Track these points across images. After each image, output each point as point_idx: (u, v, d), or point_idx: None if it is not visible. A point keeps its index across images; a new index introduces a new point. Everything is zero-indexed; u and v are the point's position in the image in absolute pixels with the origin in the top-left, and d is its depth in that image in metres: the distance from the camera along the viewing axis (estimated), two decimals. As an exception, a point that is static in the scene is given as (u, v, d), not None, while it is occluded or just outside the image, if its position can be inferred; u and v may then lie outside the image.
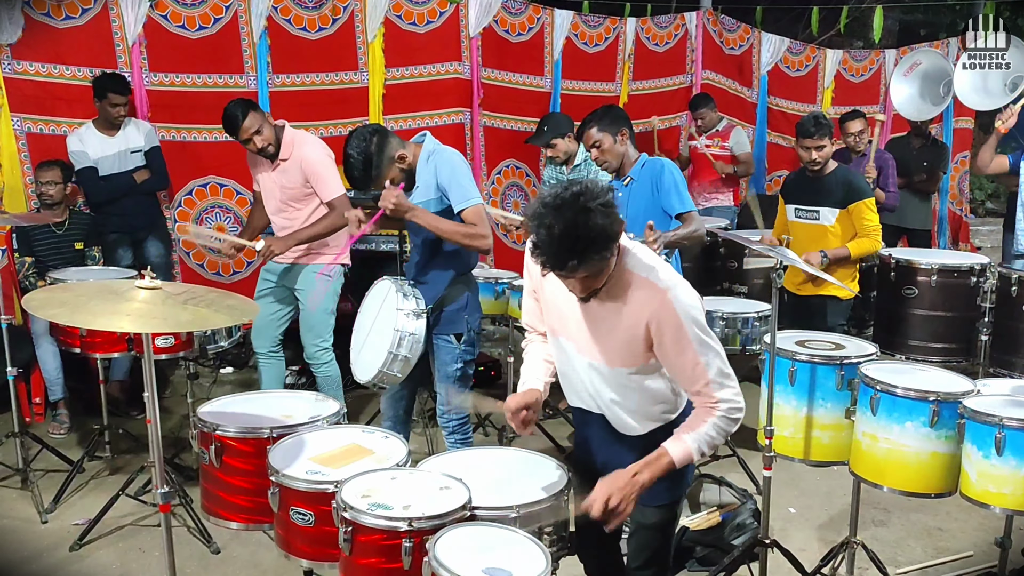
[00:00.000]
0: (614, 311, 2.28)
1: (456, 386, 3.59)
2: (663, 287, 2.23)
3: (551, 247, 2.07)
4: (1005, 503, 2.85)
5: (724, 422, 2.27)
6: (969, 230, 8.76)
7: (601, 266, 2.16)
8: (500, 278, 4.89)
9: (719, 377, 2.24)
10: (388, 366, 3.35)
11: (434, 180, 3.46)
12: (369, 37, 6.12)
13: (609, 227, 2.09)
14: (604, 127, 3.96)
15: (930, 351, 5.20)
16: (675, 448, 2.27)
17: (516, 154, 6.75)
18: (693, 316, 2.22)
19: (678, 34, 7.31)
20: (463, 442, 3.68)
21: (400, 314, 3.34)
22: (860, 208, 4.50)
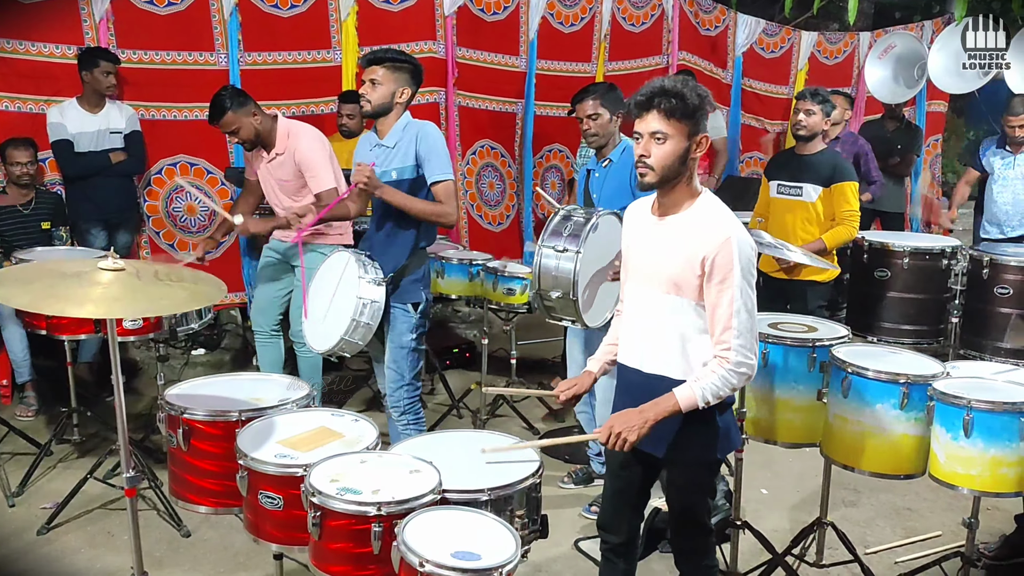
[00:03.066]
0: (679, 238, 2.45)
1: (410, 358, 3.61)
2: (727, 230, 2.38)
3: (650, 88, 2.39)
4: (973, 484, 2.88)
5: (732, 375, 2.40)
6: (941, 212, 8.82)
7: (675, 124, 2.36)
8: (474, 259, 4.88)
9: (742, 330, 2.38)
10: (350, 333, 3.42)
11: (413, 149, 3.55)
12: (342, 15, 6.01)
13: (694, 104, 2.36)
14: (605, 103, 3.98)
15: (902, 333, 5.25)
16: (682, 392, 2.42)
17: (491, 134, 6.69)
18: (745, 265, 2.38)
19: (654, 14, 7.26)
20: (415, 423, 3.69)
21: (363, 282, 3.40)
22: (843, 190, 4.52)
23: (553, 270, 3.39)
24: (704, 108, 2.42)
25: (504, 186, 6.80)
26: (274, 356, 4.73)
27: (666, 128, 2.37)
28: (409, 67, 3.60)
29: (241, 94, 4.38)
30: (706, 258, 2.38)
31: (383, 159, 3.63)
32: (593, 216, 3.44)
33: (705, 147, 2.44)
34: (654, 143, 2.39)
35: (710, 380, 2.41)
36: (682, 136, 2.39)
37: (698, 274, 2.41)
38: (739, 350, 2.39)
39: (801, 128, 4.56)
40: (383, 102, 3.55)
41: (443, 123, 6.38)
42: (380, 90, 3.53)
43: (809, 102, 4.53)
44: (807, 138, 4.58)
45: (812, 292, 4.58)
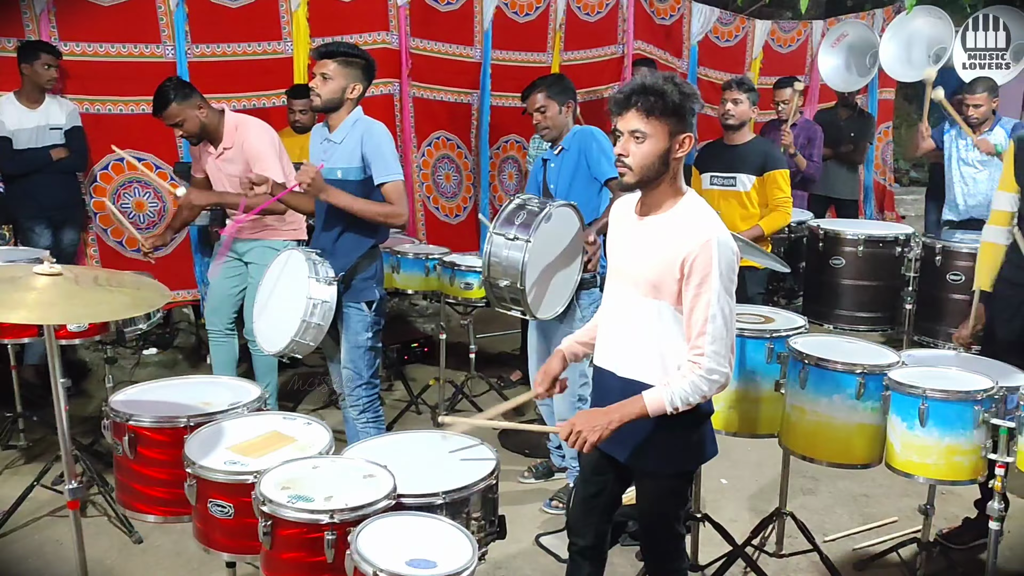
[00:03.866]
0: (659, 239, 2.39)
1: (367, 356, 3.55)
2: (709, 232, 2.32)
3: (630, 86, 2.33)
4: (928, 473, 2.90)
5: (703, 382, 2.32)
6: (894, 199, 8.95)
7: (654, 123, 2.29)
8: (430, 254, 4.81)
9: (717, 336, 2.30)
10: (301, 335, 3.35)
11: (359, 149, 3.48)
12: (293, 6, 5.89)
13: (676, 101, 2.29)
14: (553, 94, 3.94)
15: (857, 320, 5.30)
16: (651, 395, 2.35)
17: (447, 126, 6.62)
18: (724, 270, 2.31)
19: (609, 3, 7.23)
20: (374, 421, 3.64)
21: (312, 282, 3.33)
22: (775, 178, 4.58)
23: (503, 258, 3.35)
24: (688, 106, 2.32)
25: (461, 178, 6.75)
26: (228, 355, 4.64)
27: (645, 127, 2.31)
28: (361, 62, 3.53)
29: (186, 86, 4.28)
30: (685, 260, 2.31)
31: (330, 155, 3.56)
32: (548, 207, 3.40)
33: (689, 147, 2.36)
34: (633, 142, 2.33)
35: (680, 385, 2.33)
36: (662, 135, 2.31)
37: (677, 277, 2.34)
38: (712, 356, 2.31)
39: (730, 117, 4.60)
40: (333, 97, 3.48)
41: (397, 115, 6.30)
42: (331, 85, 3.46)
43: (736, 91, 4.58)
44: (735, 127, 4.62)
45: (751, 279, 4.61)
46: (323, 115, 3.63)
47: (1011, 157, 3.59)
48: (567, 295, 3.65)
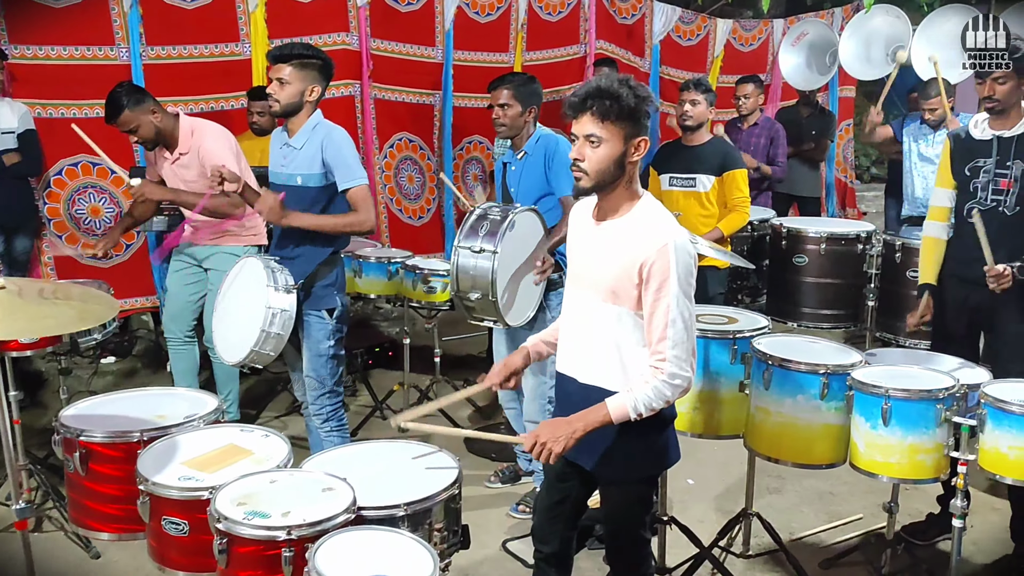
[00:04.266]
0: (617, 244, 2.37)
1: (329, 365, 3.50)
2: (666, 236, 2.30)
3: (585, 89, 2.31)
4: (892, 472, 2.91)
5: (666, 387, 2.30)
6: (855, 196, 9.03)
7: (609, 127, 2.28)
8: (392, 257, 4.76)
9: (678, 340, 2.29)
10: (260, 345, 3.29)
11: (319, 155, 3.41)
12: (250, 6, 5.80)
13: (631, 105, 2.28)
14: (519, 95, 3.88)
15: (821, 318, 5.33)
16: (614, 402, 2.33)
17: (409, 127, 6.56)
18: (682, 274, 2.29)
19: (571, 3, 7.21)
20: (338, 429, 3.59)
21: (270, 290, 3.27)
22: (734, 177, 4.60)
23: (471, 271, 3.31)
24: (643, 109, 2.32)
25: (424, 179, 6.69)
26: (188, 363, 4.57)
27: (600, 131, 2.29)
28: (318, 63, 3.46)
29: (139, 91, 4.19)
30: (643, 265, 2.30)
31: (290, 161, 3.50)
32: (510, 214, 3.37)
33: (644, 150, 2.35)
34: (588, 146, 2.31)
35: (643, 391, 2.31)
36: (618, 139, 2.30)
37: (635, 282, 2.32)
38: (674, 361, 2.30)
39: (688, 118, 4.62)
40: (292, 101, 3.41)
41: (359, 116, 6.24)
42: (288, 89, 3.39)
43: (694, 92, 4.59)
44: (693, 128, 4.63)
45: (712, 278, 4.62)
46: (283, 119, 3.57)
47: (947, 154, 3.64)
48: (536, 299, 3.62)
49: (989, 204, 3.45)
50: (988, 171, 3.44)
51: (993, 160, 3.44)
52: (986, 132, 3.48)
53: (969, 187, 3.51)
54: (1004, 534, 3.68)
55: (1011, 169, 3.40)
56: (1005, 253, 3.42)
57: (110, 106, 4.08)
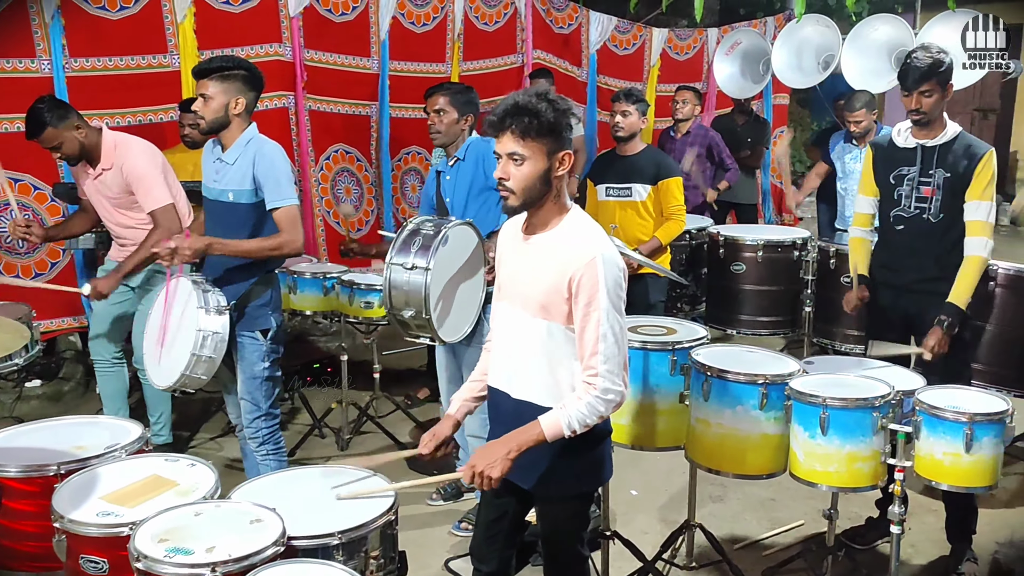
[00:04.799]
0: (545, 258, 2.35)
1: (265, 387, 3.40)
2: (594, 250, 2.28)
3: (503, 106, 2.27)
4: (831, 481, 2.91)
5: (598, 402, 2.28)
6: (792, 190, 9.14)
7: (531, 144, 2.26)
8: (328, 273, 4.66)
9: (609, 354, 2.28)
10: (191, 368, 3.18)
11: (251, 171, 3.31)
12: (178, 17, 5.66)
13: (551, 119, 2.25)
14: (456, 102, 3.85)
15: (759, 325, 5.37)
16: (547, 420, 2.30)
17: (345, 138, 6.46)
18: (611, 287, 2.28)
19: (507, 13, 7.19)
20: (275, 452, 3.49)
21: (201, 312, 3.16)
22: (669, 186, 4.63)
23: (404, 288, 3.24)
24: (564, 122, 2.30)
25: (362, 191, 6.60)
26: (117, 386, 4.42)
27: (522, 149, 2.27)
28: (241, 73, 3.34)
29: (61, 106, 4.04)
30: (572, 279, 2.28)
31: (222, 176, 3.39)
32: (443, 228, 3.31)
33: (568, 164, 2.32)
34: (512, 164, 2.29)
35: (576, 407, 2.29)
36: (541, 155, 2.28)
37: (565, 296, 2.31)
38: (606, 375, 2.28)
39: (619, 129, 4.63)
40: (217, 117, 3.30)
41: (293, 128, 6.12)
42: (212, 104, 3.28)
43: (624, 103, 4.59)
44: (627, 138, 4.64)
45: (653, 287, 4.63)
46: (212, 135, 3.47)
47: (869, 162, 3.70)
48: (473, 314, 3.56)
49: (913, 211, 3.51)
50: (912, 179, 3.50)
51: (917, 168, 3.49)
52: (909, 140, 3.53)
53: (893, 195, 3.57)
54: (941, 535, 3.73)
55: (934, 177, 3.45)
56: (932, 260, 3.48)
57: (31, 123, 3.93)
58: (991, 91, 12.32)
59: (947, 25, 6.14)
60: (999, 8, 11.56)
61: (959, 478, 2.80)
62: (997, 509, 4.13)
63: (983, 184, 3.40)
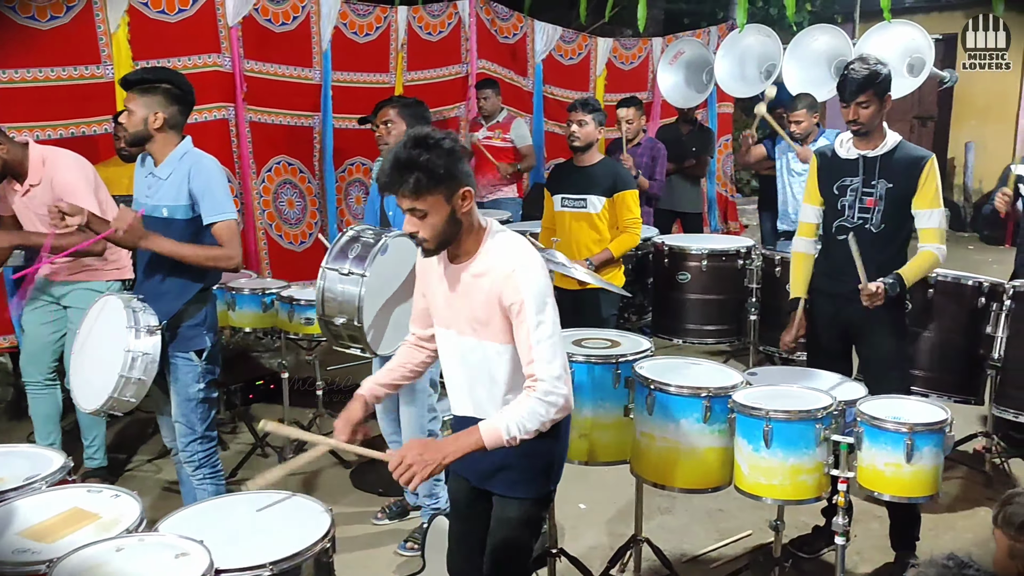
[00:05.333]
0: (472, 280, 2.38)
1: (200, 409, 3.30)
2: (512, 262, 2.33)
3: (387, 166, 2.27)
4: (775, 494, 2.90)
5: (540, 405, 2.29)
6: (736, 209, 9.24)
7: (426, 198, 2.26)
8: (267, 288, 4.55)
9: (545, 359, 2.30)
10: (120, 391, 3.07)
11: (186, 186, 3.21)
12: (111, 26, 5.52)
13: (438, 165, 2.23)
14: (405, 115, 3.83)
15: (705, 333, 5.39)
16: (486, 426, 2.30)
17: (287, 150, 6.35)
18: (536, 295, 2.31)
19: (451, 23, 7.15)
20: (212, 476, 3.38)
21: (130, 333, 3.04)
22: (624, 198, 4.56)
23: (337, 294, 3.17)
24: (453, 164, 2.27)
25: (305, 203, 6.50)
26: (50, 408, 4.27)
27: (420, 205, 2.27)
28: (162, 87, 3.20)
29: None
30: (500, 295, 2.33)
31: (155, 191, 3.27)
32: (383, 237, 3.24)
33: (470, 198, 2.33)
34: (416, 219, 2.31)
35: (516, 412, 2.30)
36: (440, 203, 2.28)
37: (497, 314, 2.35)
38: (547, 379, 2.30)
39: (575, 139, 4.56)
40: (137, 131, 3.19)
41: (234, 140, 6.01)
42: (132, 119, 3.18)
43: (581, 112, 4.53)
44: (583, 148, 4.57)
45: (605, 301, 4.59)
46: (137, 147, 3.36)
47: (814, 171, 3.70)
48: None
49: (856, 222, 3.52)
50: (855, 189, 3.51)
51: (859, 179, 3.51)
52: (851, 151, 3.55)
53: (837, 205, 3.58)
54: (886, 541, 3.74)
55: (876, 188, 3.47)
56: (873, 268, 3.49)
57: None
58: (928, 99, 12.58)
59: (884, 35, 6.24)
60: (934, 19, 11.92)
61: (901, 488, 2.81)
62: (940, 514, 4.17)
63: (931, 192, 3.43)
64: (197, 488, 3.40)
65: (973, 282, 4.27)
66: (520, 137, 6.59)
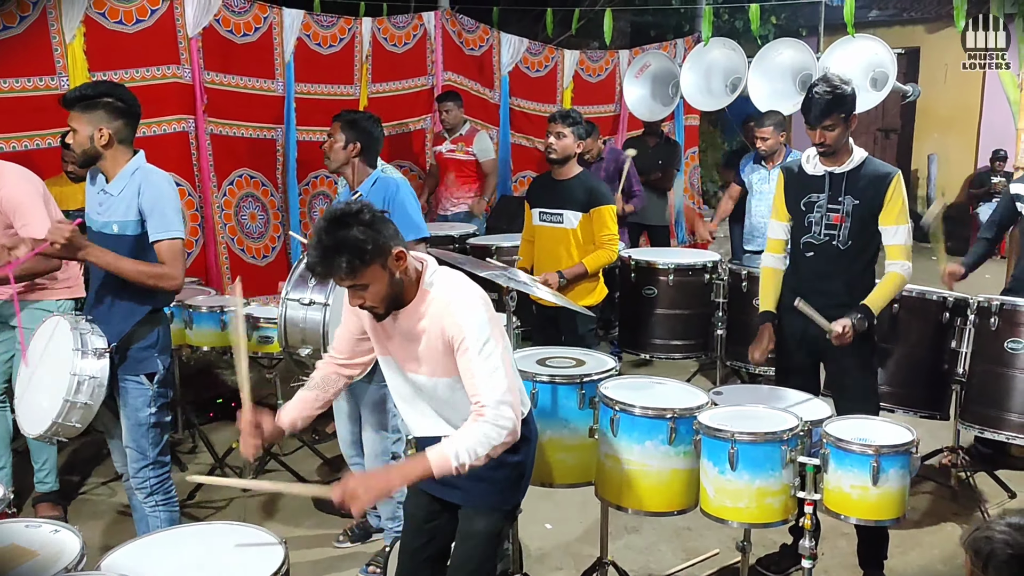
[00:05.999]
0: (418, 322, 2.39)
1: (151, 434, 3.19)
2: (447, 296, 2.36)
3: (314, 254, 2.25)
4: (741, 517, 2.86)
5: (490, 429, 2.29)
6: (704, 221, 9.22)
7: (364, 273, 2.26)
8: (225, 306, 4.44)
9: (491, 386, 2.30)
10: (65, 416, 2.97)
11: (135, 202, 3.10)
12: (67, 37, 5.40)
13: (364, 240, 2.23)
14: (344, 127, 3.79)
15: (672, 348, 5.36)
16: (433, 452, 2.28)
17: (249, 162, 6.25)
18: (476, 324, 2.33)
19: (417, 34, 7.09)
20: (165, 503, 3.27)
21: (77, 355, 2.94)
22: (601, 214, 4.46)
23: (300, 324, 3.08)
24: (377, 230, 2.27)
25: (268, 216, 6.40)
26: (0, 430, 4.12)
27: (358, 279, 2.29)
28: (103, 102, 3.08)
29: None
30: (442, 331, 2.36)
31: (106, 207, 3.17)
32: None
33: (405, 257, 2.34)
34: (359, 292, 2.32)
35: (464, 438, 2.29)
36: (378, 273, 2.29)
37: (442, 350, 2.38)
38: (494, 404, 2.30)
39: (552, 152, 4.46)
40: (84, 149, 3.08)
41: (194, 153, 5.90)
42: (78, 138, 3.07)
43: (560, 124, 4.43)
44: (560, 161, 4.49)
45: (581, 318, 4.52)
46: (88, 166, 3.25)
47: (781, 187, 3.67)
48: None
49: (822, 239, 3.49)
50: (821, 206, 3.49)
51: (826, 195, 3.48)
52: (818, 168, 3.52)
53: (804, 221, 3.55)
54: (853, 559, 3.72)
55: (843, 204, 3.45)
56: (841, 283, 3.47)
57: None
58: (892, 112, 12.74)
59: (847, 49, 6.28)
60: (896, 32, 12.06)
61: (867, 511, 2.78)
62: (908, 530, 4.15)
63: (896, 209, 3.41)
64: (150, 515, 3.29)
65: (938, 297, 4.27)
66: (483, 151, 6.54)
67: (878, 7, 11.90)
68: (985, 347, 4.08)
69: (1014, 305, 3.96)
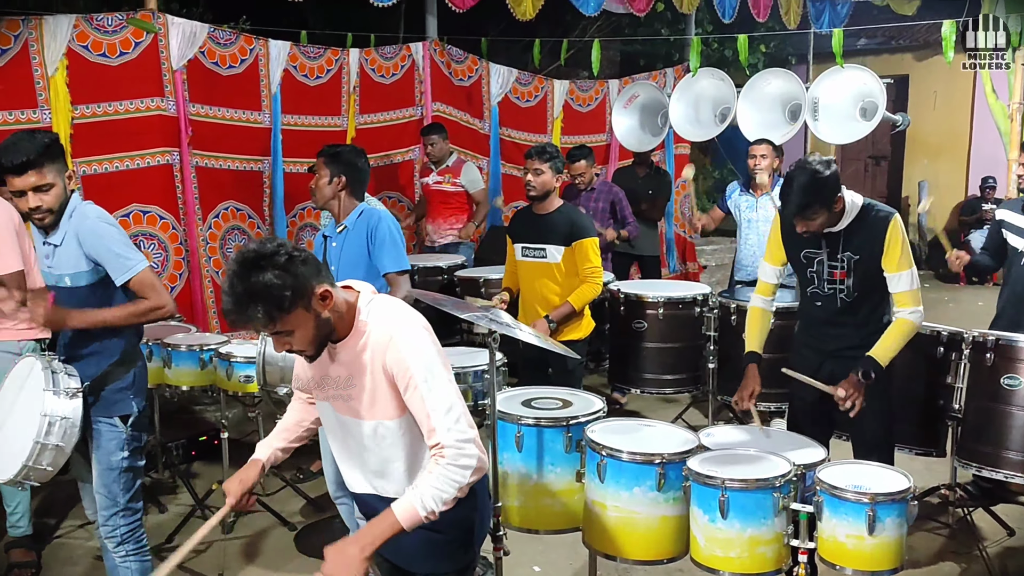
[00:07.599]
0: (356, 361, 2.24)
1: (123, 479, 3.09)
2: (387, 330, 2.20)
3: (228, 301, 2.07)
4: (732, 567, 2.75)
5: (452, 470, 2.14)
6: (695, 250, 9.19)
7: (285, 319, 2.09)
8: (205, 344, 4.33)
9: (446, 420, 2.15)
10: (35, 459, 2.88)
11: (80, 252, 2.98)
12: (49, 70, 5.35)
13: (281, 286, 2.05)
14: (328, 162, 3.79)
15: (663, 383, 5.26)
16: (399, 506, 2.14)
17: (235, 195, 6.19)
18: (421, 358, 2.18)
19: (405, 65, 7.06)
20: (136, 553, 3.16)
21: (48, 395, 2.85)
22: (584, 247, 4.38)
23: (279, 362, 3.00)
24: (293, 272, 2.07)
25: (254, 249, 6.30)
26: None
27: (281, 327, 2.10)
28: (55, 146, 2.98)
29: None
30: (383, 368, 2.19)
31: (53, 260, 3.05)
32: None
33: (330, 297, 2.15)
34: (284, 339, 2.15)
35: (428, 484, 2.13)
36: (301, 316, 2.10)
37: (383, 386, 2.21)
38: (453, 444, 2.14)
39: (531, 189, 4.41)
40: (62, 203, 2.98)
41: (179, 185, 5.83)
42: (55, 191, 2.94)
43: (536, 160, 4.38)
44: (539, 197, 4.43)
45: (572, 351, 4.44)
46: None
47: (777, 230, 3.58)
48: None
49: (827, 292, 3.43)
50: (822, 262, 3.41)
51: (824, 252, 3.41)
52: None
53: (806, 273, 3.48)
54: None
55: (842, 261, 3.37)
56: (852, 328, 3.44)
57: None
58: (882, 140, 12.77)
59: (836, 79, 6.26)
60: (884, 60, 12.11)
61: (863, 562, 2.67)
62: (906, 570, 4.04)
63: (897, 254, 3.31)
64: (120, 566, 3.17)
65: (931, 331, 4.19)
66: (471, 182, 6.47)
67: (866, 36, 11.95)
68: (981, 383, 3.99)
69: (1010, 341, 3.88)
